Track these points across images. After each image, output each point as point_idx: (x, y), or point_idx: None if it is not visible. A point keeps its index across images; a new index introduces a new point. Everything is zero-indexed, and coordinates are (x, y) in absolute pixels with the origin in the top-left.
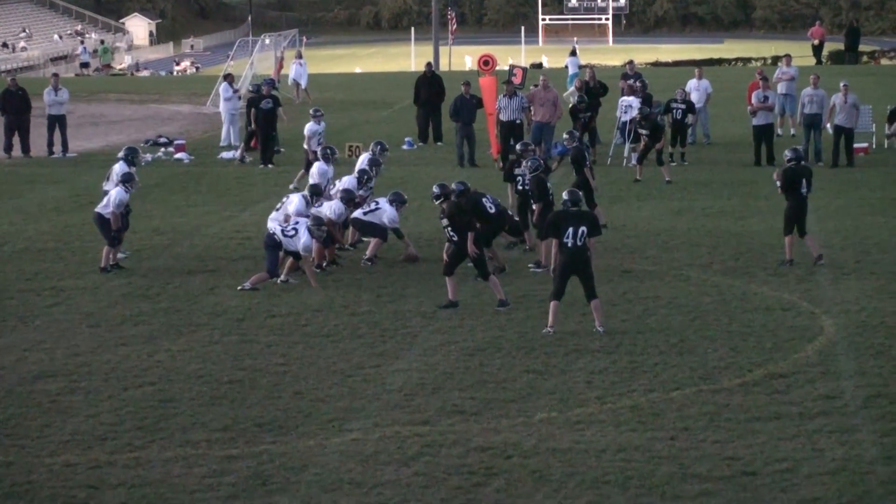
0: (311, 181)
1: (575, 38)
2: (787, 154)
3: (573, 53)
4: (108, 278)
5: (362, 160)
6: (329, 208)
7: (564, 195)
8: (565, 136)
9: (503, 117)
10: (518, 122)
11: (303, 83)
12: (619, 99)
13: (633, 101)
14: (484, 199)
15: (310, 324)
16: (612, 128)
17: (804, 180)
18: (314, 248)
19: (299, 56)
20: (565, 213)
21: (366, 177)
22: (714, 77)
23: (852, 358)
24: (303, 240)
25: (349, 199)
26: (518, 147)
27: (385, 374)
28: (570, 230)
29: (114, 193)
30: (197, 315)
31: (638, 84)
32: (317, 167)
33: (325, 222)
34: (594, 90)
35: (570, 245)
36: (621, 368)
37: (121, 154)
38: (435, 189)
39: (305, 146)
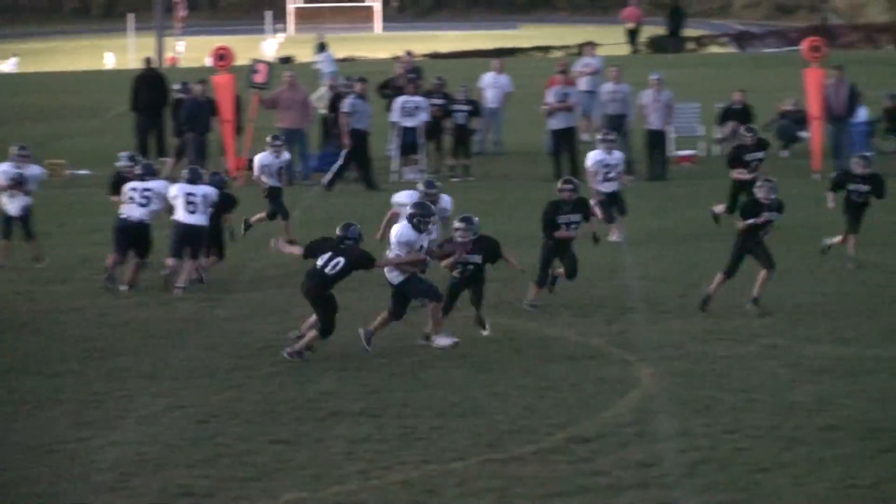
0: None
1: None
2: None
3: (322, 49)
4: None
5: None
6: None
7: None
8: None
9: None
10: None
11: None
12: (400, 99)
13: (421, 102)
14: None
15: None
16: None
17: None
18: None
19: None
20: None
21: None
22: (509, 71)
23: (673, 415)
24: None
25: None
26: None
27: (93, 450)
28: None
29: None
30: None
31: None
32: None
33: None
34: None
35: None
36: (389, 436)
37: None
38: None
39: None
